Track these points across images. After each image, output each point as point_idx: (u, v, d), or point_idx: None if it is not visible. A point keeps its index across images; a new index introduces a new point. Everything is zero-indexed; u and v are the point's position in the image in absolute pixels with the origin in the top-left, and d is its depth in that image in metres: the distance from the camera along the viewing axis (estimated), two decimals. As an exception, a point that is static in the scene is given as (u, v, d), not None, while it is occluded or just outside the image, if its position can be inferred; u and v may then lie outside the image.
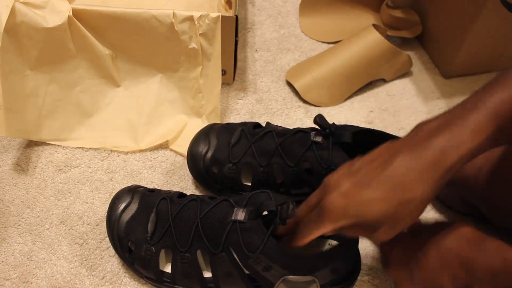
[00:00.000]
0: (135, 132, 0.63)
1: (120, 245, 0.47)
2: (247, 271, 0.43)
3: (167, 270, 0.46)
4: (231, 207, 0.43)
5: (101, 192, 0.57)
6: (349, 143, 0.49)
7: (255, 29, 0.81)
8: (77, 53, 0.60)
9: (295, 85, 0.69)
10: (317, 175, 0.50)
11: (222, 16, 0.58)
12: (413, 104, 0.70)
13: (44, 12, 0.56)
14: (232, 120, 0.66)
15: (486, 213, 0.50)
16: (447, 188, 0.54)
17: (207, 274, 0.45)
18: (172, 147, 0.62)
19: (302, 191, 0.53)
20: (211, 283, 0.45)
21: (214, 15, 0.57)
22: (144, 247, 0.45)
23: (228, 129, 0.56)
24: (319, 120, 0.50)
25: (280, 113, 0.68)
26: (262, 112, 0.68)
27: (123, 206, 0.48)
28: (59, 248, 0.52)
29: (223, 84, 0.68)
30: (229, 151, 0.53)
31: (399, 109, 0.69)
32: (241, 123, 0.57)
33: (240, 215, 0.42)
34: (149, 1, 0.74)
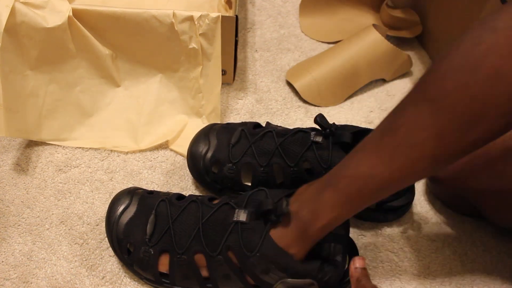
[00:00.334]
0: (135, 132, 0.63)
1: (119, 246, 0.47)
2: (245, 274, 0.43)
3: (166, 271, 0.46)
4: (232, 209, 0.43)
5: (101, 192, 0.57)
6: (349, 143, 0.49)
7: (255, 29, 0.81)
8: (77, 53, 0.60)
9: (295, 85, 0.69)
10: (317, 175, 0.50)
11: (222, 16, 0.58)
12: (413, 104, 0.70)
13: (44, 12, 0.56)
14: (232, 120, 0.66)
15: (485, 213, 0.50)
16: (447, 188, 0.55)
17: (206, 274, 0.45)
18: (172, 147, 0.62)
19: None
20: (210, 284, 0.45)
21: (214, 15, 0.57)
22: (142, 249, 0.45)
23: (228, 129, 0.56)
24: (319, 120, 0.50)
25: (280, 113, 0.67)
26: (262, 112, 0.68)
27: (122, 208, 0.48)
28: (59, 248, 0.52)
29: (223, 84, 0.68)
30: (229, 151, 0.53)
31: (399, 109, 0.69)
32: (241, 123, 0.57)
33: (242, 216, 0.42)
34: (149, 1, 0.74)
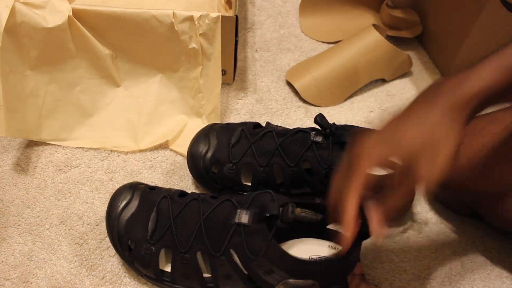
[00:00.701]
0: (135, 132, 0.63)
1: (120, 243, 0.47)
2: (247, 274, 0.42)
3: (167, 269, 0.46)
4: (234, 208, 0.43)
5: (101, 192, 0.57)
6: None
7: (255, 29, 0.81)
8: (77, 53, 0.60)
9: (295, 85, 0.69)
10: (317, 175, 0.50)
11: (222, 16, 0.58)
12: (413, 104, 0.70)
13: (44, 12, 0.56)
14: (232, 120, 0.66)
15: (483, 216, 0.50)
16: (446, 191, 0.54)
17: (207, 274, 0.45)
18: (172, 147, 0.62)
19: (302, 191, 0.53)
20: (211, 283, 0.45)
21: (214, 15, 0.57)
22: (144, 246, 0.45)
23: (228, 129, 0.56)
24: (319, 119, 0.50)
25: (280, 113, 0.67)
26: (262, 112, 0.68)
27: (123, 203, 0.47)
28: (59, 248, 0.52)
29: (223, 84, 0.68)
30: (229, 151, 0.53)
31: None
32: (241, 123, 0.57)
33: (244, 218, 0.41)
34: (149, 1, 0.74)
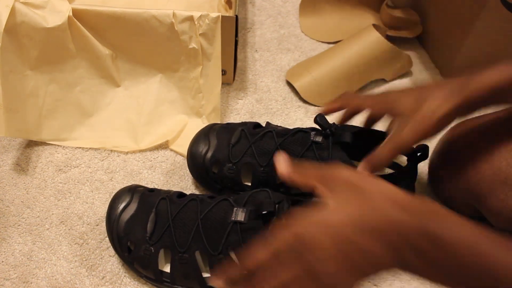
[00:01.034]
0: (135, 132, 0.63)
1: (119, 244, 0.47)
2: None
3: (167, 269, 0.46)
4: (231, 206, 0.43)
5: (101, 192, 0.57)
6: (349, 143, 0.49)
7: (255, 29, 0.81)
8: (77, 53, 0.60)
9: (295, 85, 0.69)
10: None
11: (222, 16, 0.58)
12: (413, 104, 0.70)
13: (44, 12, 0.56)
14: (232, 120, 0.66)
15: (486, 215, 0.50)
16: (450, 191, 0.54)
17: (206, 274, 0.45)
18: (172, 147, 0.62)
19: (302, 191, 0.53)
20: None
21: (214, 15, 0.57)
22: (143, 247, 0.45)
23: (228, 129, 0.55)
24: (319, 119, 0.50)
25: (280, 113, 0.67)
26: (262, 112, 0.68)
27: (122, 205, 0.48)
28: (59, 248, 0.52)
29: (223, 84, 0.68)
30: (229, 151, 0.53)
31: (399, 109, 0.69)
32: (241, 123, 0.57)
33: (240, 216, 0.42)
34: (149, 1, 0.74)
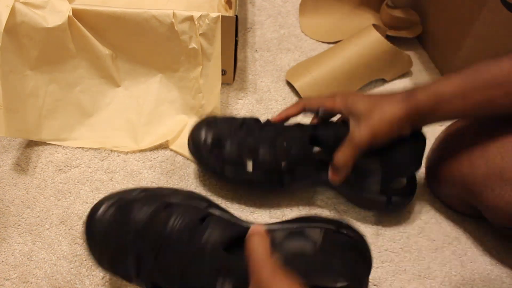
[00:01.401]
0: (135, 132, 0.63)
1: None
2: None
3: None
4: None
5: (101, 192, 0.57)
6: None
7: (255, 29, 0.81)
8: (77, 53, 0.60)
9: (295, 85, 0.69)
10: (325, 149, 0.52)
11: (222, 16, 0.58)
12: (413, 104, 0.70)
13: (44, 12, 0.56)
14: (232, 120, 0.66)
15: (484, 212, 0.50)
16: (447, 188, 0.55)
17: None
18: (172, 147, 0.62)
19: (308, 171, 0.54)
20: None
21: (214, 15, 0.57)
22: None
23: (229, 118, 0.57)
24: (321, 113, 0.53)
25: (280, 113, 0.68)
26: (262, 112, 0.68)
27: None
28: (59, 248, 0.52)
29: (223, 84, 0.68)
30: (231, 131, 0.53)
31: (399, 109, 0.69)
32: (241, 118, 0.58)
33: None
34: (149, 1, 0.74)
